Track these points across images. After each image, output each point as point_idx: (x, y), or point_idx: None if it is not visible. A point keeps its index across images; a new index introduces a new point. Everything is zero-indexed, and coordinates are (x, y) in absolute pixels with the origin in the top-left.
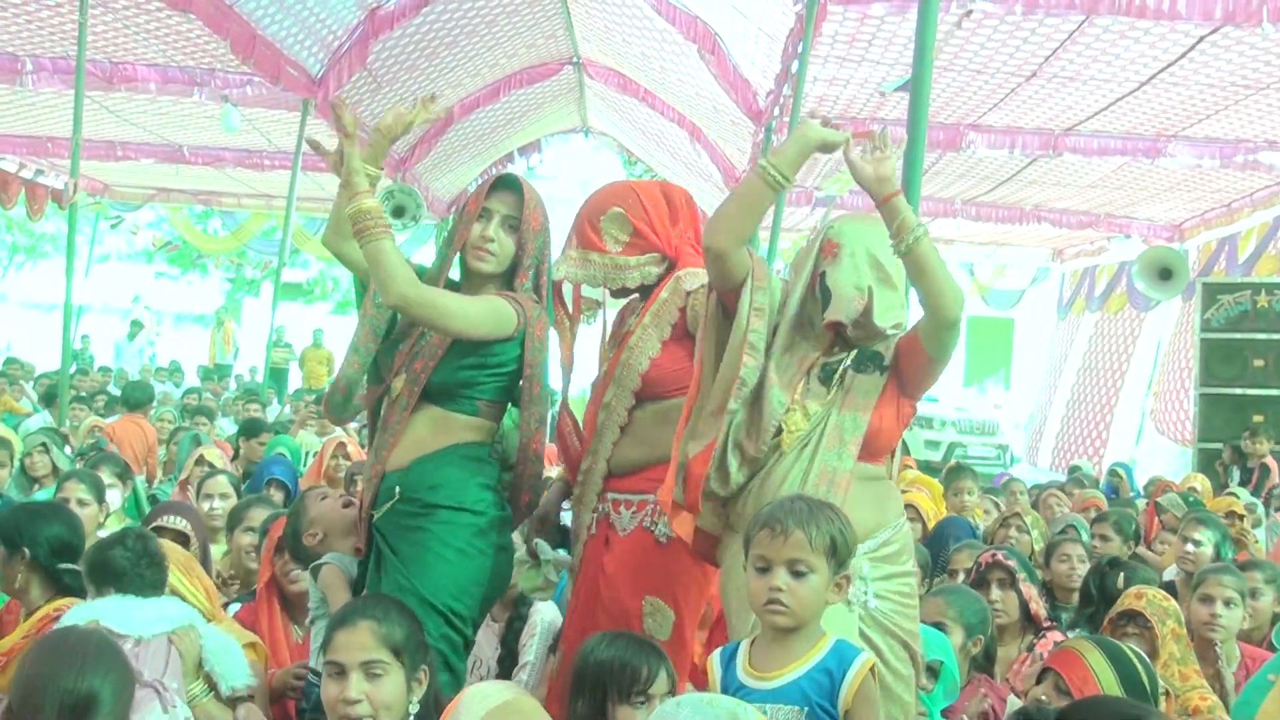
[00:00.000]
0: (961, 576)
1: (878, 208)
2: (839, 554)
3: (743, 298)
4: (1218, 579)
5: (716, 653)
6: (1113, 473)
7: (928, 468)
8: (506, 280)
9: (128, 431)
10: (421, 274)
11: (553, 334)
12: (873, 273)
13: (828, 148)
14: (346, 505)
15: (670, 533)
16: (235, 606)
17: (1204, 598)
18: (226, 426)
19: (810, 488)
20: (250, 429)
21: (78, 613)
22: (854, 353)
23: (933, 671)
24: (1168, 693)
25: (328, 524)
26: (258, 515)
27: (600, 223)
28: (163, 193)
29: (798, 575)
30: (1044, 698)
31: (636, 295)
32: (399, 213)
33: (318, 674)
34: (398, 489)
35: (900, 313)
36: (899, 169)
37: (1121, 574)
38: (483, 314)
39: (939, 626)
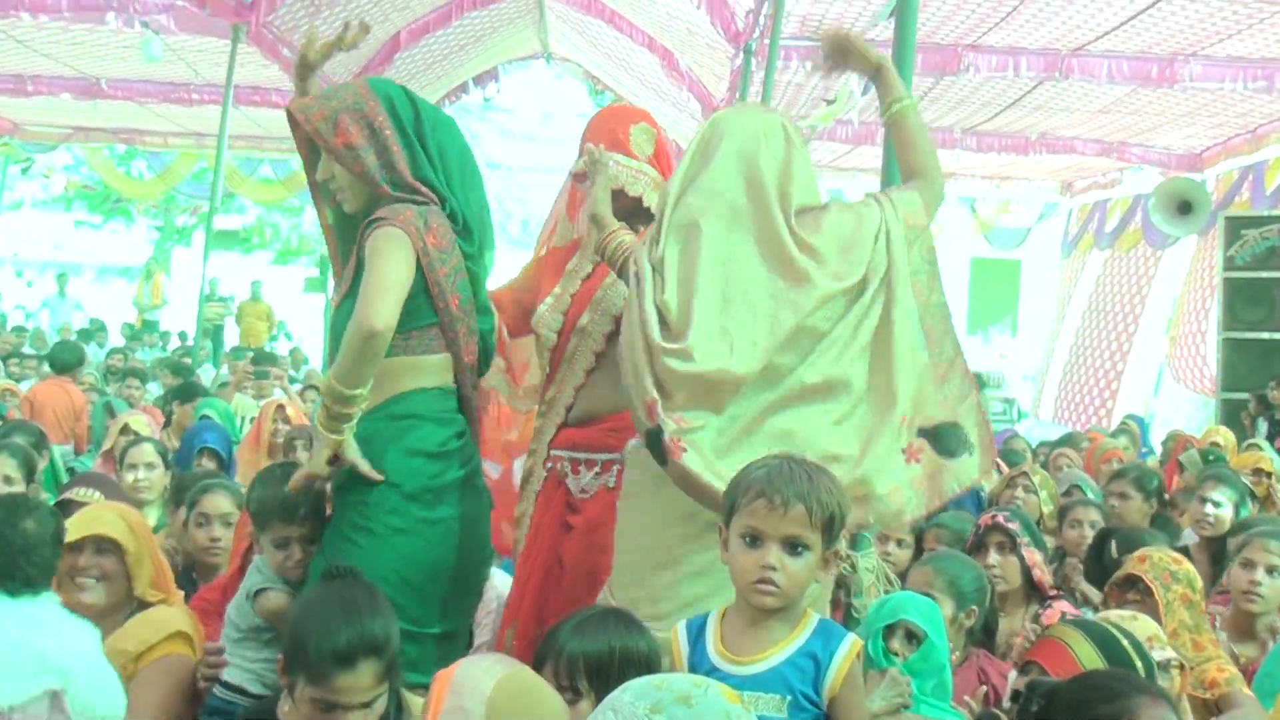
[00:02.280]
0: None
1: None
2: (834, 528)
3: None
4: (1264, 543)
5: (682, 625)
6: (1124, 426)
7: None
8: (378, 200)
9: (51, 396)
10: None
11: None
12: None
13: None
14: None
15: None
16: None
17: (1245, 562)
18: (153, 390)
19: None
20: (185, 393)
21: None
22: None
23: (913, 637)
24: (1182, 665)
25: None
26: (214, 501)
27: (630, 130)
28: (80, 131)
29: (794, 553)
30: None
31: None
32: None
33: (229, 688)
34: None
35: None
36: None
37: (1113, 542)
38: (391, 266)
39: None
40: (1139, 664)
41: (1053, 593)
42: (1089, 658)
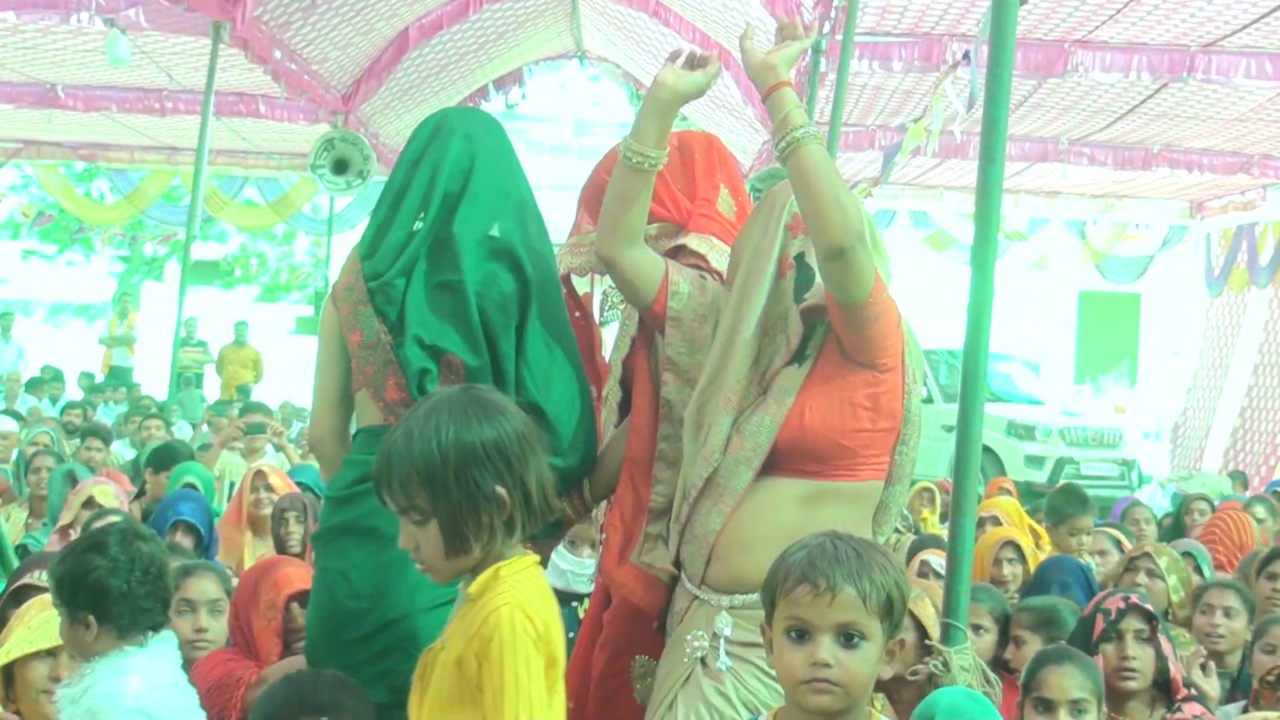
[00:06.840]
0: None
1: (763, 100)
2: (895, 613)
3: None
4: None
5: None
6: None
7: (1030, 491)
8: None
9: None
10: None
11: None
12: None
13: (692, 94)
14: None
15: None
16: None
17: None
18: (121, 450)
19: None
20: (160, 460)
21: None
22: None
23: None
24: None
25: None
26: (199, 586)
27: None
28: (31, 146)
29: (849, 644)
30: None
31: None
32: (341, 168)
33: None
34: None
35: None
36: (803, 58)
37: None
38: (319, 359)
39: None
40: None
41: (1181, 693)
42: None
